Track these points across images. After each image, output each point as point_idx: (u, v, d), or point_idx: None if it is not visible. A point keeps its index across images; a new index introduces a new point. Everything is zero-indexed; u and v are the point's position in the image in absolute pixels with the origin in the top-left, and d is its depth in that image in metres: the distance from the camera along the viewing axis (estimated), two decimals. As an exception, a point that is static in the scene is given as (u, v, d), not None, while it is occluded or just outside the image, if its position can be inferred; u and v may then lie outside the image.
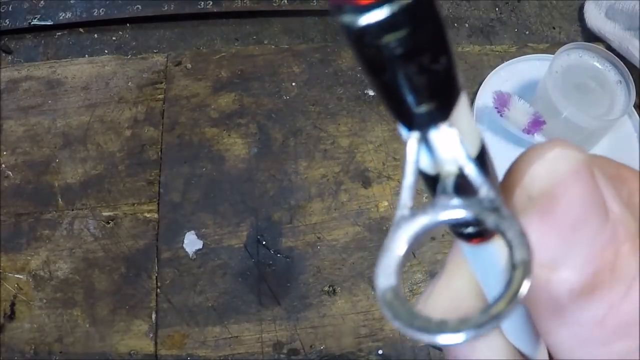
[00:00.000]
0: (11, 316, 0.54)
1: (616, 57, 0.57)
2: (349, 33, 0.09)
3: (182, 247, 0.56)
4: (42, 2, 0.69)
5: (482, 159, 0.12)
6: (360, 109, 0.62)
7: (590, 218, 0.12)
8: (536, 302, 0.13)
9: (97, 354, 0.52)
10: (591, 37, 0.67)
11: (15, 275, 0.55)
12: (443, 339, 0.10)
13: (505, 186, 0.13)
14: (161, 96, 0.63)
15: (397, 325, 0.10)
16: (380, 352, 0.52)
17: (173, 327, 0.53)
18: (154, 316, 0.53)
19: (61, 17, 0.68)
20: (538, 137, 0.57)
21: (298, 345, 0.52)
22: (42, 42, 0.68)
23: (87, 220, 0.57)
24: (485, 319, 0.10)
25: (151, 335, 0.53)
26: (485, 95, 0.60)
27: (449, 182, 0.11)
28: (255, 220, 0.57)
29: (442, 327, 0.10)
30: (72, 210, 0.58)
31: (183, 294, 0.54)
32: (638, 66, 0.61)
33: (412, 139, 0.11)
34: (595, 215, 0.12)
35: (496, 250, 0.13)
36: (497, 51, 0.66)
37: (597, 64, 0.58)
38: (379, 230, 0.56)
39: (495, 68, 0.62)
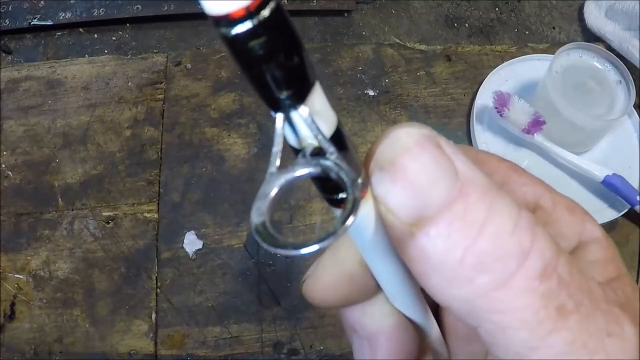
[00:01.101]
0: (11, 316, 0.54)
1: (616, 57, 0.57)
2: (225, 40, 0.12)
3: (182, 247, 0.56)
4: (42, 2, 0.69)
5: (337, 136, 0.15)
6: (360, 109, 0.62)
7: (439, 179, 0.14)
8: (408, 255, 0.15)
9: (97, 354, 0.52)
10: (591, 37, 0.67)
11: (15, 275, 0.55)
12: (296, 252, 0.13)
13: (366, 164, 0.16)
14: (161, 96, 0.63)
15: (265, 247, 0.14)
16: (380, 352, 0.52)
17: (173, 327, 0.53)
18: (153, 316, 0.53)
19: (61, 17, 0.68)
20: (538, 137, 0.57)
21: (298, 345, 0.52)
22: (42, 42, 0.68)
23: (87, 220, 0.57)
24: (322, 235, 0.13)
25: (151, 335, 0.53)
26: (485, 95, 0.60)
27: (307, 151, 0.15)
28: (255, 220, 0.57)
29: (295, 244, 0.13)
30: (72, 210, 0.58)
31: (183, 294, 0.54)
32: (638, 66, 0.61)
33: (277, 118, 0.14)
34: (443, 176, 0.14)
35: (365, 213, 0.16)
36: (497, 51, 0.66)
37: (597, 64, 0.58)
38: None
39: (495, 68, 0.62)
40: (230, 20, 0.12)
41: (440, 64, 0.65)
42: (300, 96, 0.14)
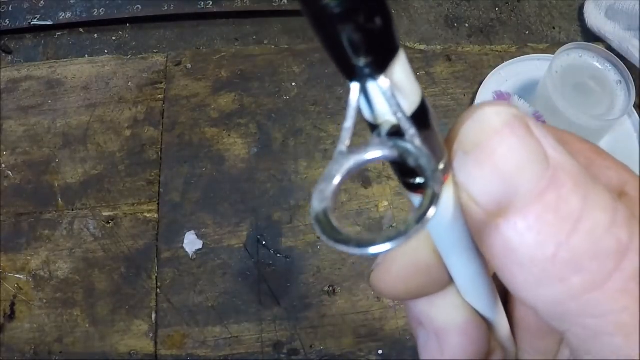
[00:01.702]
0: (11, 316, 0.54)
1: (616, 57, 0.57)
2: None
3: (182, 247, 0.56)
4: (42, 2, 0.69)
5: (420, 114, 0.13)
6: (360, 109, 0.62)
7: (529, 164, 0.13)
8: (490, 249, 0.13)
9: (97, 354, 0.52)
10: (591, 37, 0.67)
11: (15, 275, 0.55)
12: (362, 250, 0.12)
13: (448, 146, 0.14)
14: (161, 96, 0.63)
15: (324, 239, 0.12)
16: (380, 352, 0.52)
17: (173, 327, 0.53)
18: (153, 316, 0.53)
19: (61, 17, 0.68)
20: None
21: (298, 345, 0.52)
22: (42, 42, 0.68)
23: (87, 220, 0.57)
24: (393, 233, 0.11)
25: (151, 335, 0.53)
26: (485, 95, 0.60)
27: (383, 129, 0.13)
28: (255, 220, 0.57)
29: (361, 241, 0.12)
30: (72, 210, 0.58)
31: (183, 294, 0.54)
32: (638, 66, 0.61)
33: (352, 88, 0.12)
34: (533, 161, 0.13)
35: (444, 200, 0.14)
36: (497, 51, 0.66)
37: (597, 64, 0.58)
38: (379, 230, 0.56)
39: (495, 68, 0.62)
40: None
41: (440, 64, 0.65)
42: (380, 65, 0.12)
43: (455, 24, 0.69)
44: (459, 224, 0.15)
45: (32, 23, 0.67)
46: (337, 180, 0.13)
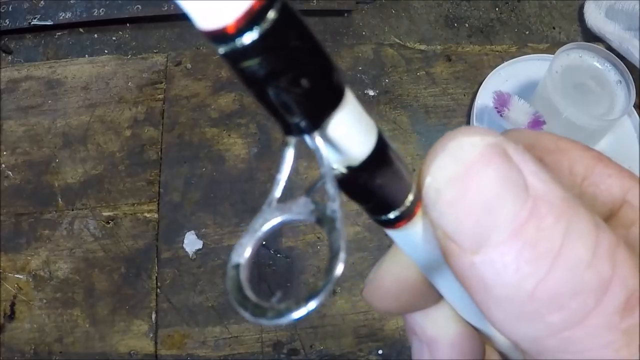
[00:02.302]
0: (11, 316, 0.54)
1: (616, 57, 0.57)
2: (223, 56, 0.10)
3: (182, 247, 0.56)
4: (42, 2, 0.69)
5: (375, 155, 0.13)
6: (360, 109, 0.62)
7: (506, 197, 0.12)
8: (468, 285, 0.13)
9: (97, 354, 0.52)
10: (591, 37, 0.67)
11: (15, 275, 0.55)
12: (263, 320, 0.11)
13: (420, 178, 0.14)
14: (161, 96, 0.63)
15: (230, 298, 0.11)
16: (380, 352, 0.52)
17: (173, 327, 0.53)
18: (154, 316, 0.53)
19: (61, 17, 0.68)
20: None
21: (298, 345, 0.52)
22: (42, 42, 0.68)
23: (87, 220, 0.57)
24: (297, 306, 0.11)
25: (151, 335, 0.53)
26: (485, 95, 0.60)
27: (317, 184, 0.13)
28: (255, 220, 0.57)
29: (268, 311, 0.11)
30: (72, 210, 0.58)
31: (183, 294, 0.54)
32: (638, 66, 0.61)
33: (289, 142, 0.12)
34: (512, 193, 0.12)
35: (418, 231, 0.14)
36: (497, 51, 0.66)
37: (597, 64, 0.58)
38: (379, 230, 0.56)
39: (495, 68, 0.62)
40: (217, 37, 0.10)
41: (440, 64, 0.65)
42: (313, 124, 0.12)
43: (455, 24, 0.69)
44: (436, 252, 0.15)
45: (32, 23, 0.67)
46: (258, 234, 0.12)
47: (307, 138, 0.12)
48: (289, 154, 0.12)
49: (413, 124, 0.62)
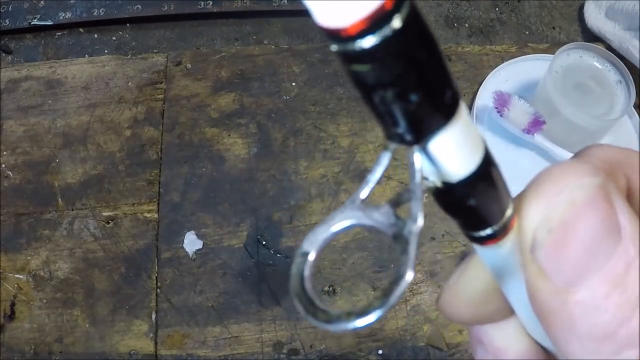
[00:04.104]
0: (11, 316, 0.54)
1: (616, 57, 0.57)
2: (335, 53, 0.10)
3: (182, 247, 0.56)
4: (42, 2, 0.69)
5: (477, 175, 0.12)
6: (360, 109, 0.62)
7: (604, 241, 0.13)
8: (551, 322, 0.13)
9: (97, 354, 0.52)
10: (591, 37, 0.67)
11: (15, 275, 0.55)
12: (310, 318, 0.11)
13: (522, 207, 0.14)
14: (161, 96, 0.63)
15: (295, 302, 0.11)
16: (380, 352, 0.52)
17: (173, 327, 0.53)
18: (154, 316, 0.53)
19: (61, 17, 0.68)
20: (538, 137, 0.57)
21: (298, 345, 0.52)
22: (42, 42, 0.68)
23: (87, 220, 0.57)
24: (347, 319, 0.11)
25: (151, 335, 0.53)
26: (485, 95, 0.60)
27: (404, 197, 0.12)
28: (255, 220, 0.57)
29: (319, 313, 0.11)
30: (72, 210, 0.58)
31: (183, 294, 0.54)
32: (638, 66, 0.61)
33: (388, 147, 0.12)
34: (609, 237, 0.13)
35: (506, 252, 0.14)
36: (497, 51, 0.66)
37: (597, 64, 0.58)
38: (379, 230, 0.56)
39: (495, 68, 0.62)
40: (331, 34, 0.10)
41: (440, 64, 0.65)
42: (413, 139, 0.11)
43: (455, 24, 0.69)
44: (516, 273, 0.15)
45: (32, 23, 0.67)
46: (335, 228, 0.12)
47: (404, 147, 0.12)
48: (386, 158, 0.12)
49: (413, 124, 0.62)
